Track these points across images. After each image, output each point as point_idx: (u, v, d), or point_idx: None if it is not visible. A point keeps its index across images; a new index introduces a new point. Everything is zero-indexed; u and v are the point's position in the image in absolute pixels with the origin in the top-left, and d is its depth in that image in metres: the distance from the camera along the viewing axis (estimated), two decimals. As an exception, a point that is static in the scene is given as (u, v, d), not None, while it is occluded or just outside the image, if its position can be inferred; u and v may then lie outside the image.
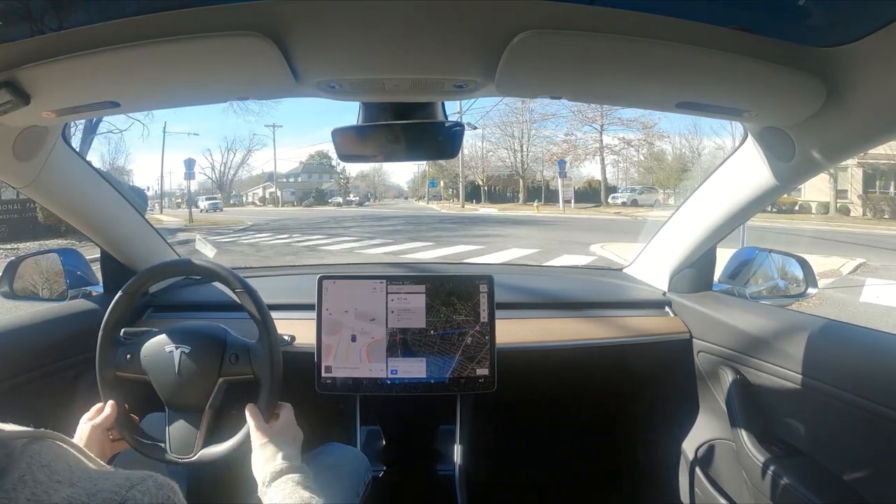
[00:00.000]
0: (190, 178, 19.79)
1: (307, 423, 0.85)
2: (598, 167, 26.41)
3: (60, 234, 10.28)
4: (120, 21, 0.60)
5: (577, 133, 25.75)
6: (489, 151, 28.95)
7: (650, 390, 1.47)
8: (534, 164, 27.78)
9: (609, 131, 25.16)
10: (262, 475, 0.70)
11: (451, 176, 31.16)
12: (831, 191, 18.14)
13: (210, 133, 65.40)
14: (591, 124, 24.81)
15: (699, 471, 1.22)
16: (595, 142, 25.39)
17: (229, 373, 0.84)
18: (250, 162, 38.93)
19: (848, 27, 0.58)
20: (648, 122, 23.67)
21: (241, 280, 0.85)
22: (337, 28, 0.61)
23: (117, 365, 0.84)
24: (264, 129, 44.47)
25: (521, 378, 1.21)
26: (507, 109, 26.80)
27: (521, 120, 26.95)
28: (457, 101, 12.50)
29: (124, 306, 0.86)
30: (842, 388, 0.87)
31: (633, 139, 25.61)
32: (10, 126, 0.80)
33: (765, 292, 1.28)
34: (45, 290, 1.30)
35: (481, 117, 27.43)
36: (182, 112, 56.43)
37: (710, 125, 27.73)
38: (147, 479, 0.39)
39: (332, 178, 38.22)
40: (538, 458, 1.61)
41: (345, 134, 0.89)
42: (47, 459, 0.38)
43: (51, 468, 0.37)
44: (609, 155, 25.96)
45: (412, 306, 1.13)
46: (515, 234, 11.37)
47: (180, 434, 0.83)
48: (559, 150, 26.01)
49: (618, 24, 0.60)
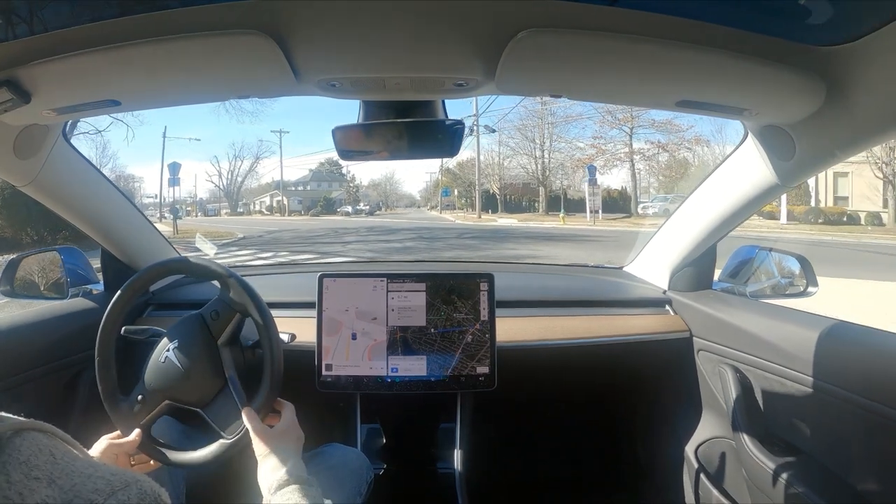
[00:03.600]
0: (174, 184, 17.84)
1: (307, 422, 0.85)
2: (617, 176, 24.40)
3: (21, 248, 10.10)
4: (120, 19, 0.60)
5: (606, 136, 23.10)
6: (506, 157, 26.88)
7: (650, 389, 1.47)
8: (556, 171, 25.30)
9: (638, 135, 22.57)
10: (268, 483, 0.70)
11: (465, 184, 29.59)
12: (892, 200, 15.98)
13: (215, 140, 64.57)
14: (622, 126, 22.04)
15: (699, 469, 1.22)
16: (623, 146, 22.73)
17: (220, 330, 0.84)
18: (258, 170, 38.59)
19: (848, 26, 0.58)
20: (682, 126, 21.46)
21: (239, 279, 0.85)
22: (337, 26, 0.61)
23: (132, 410, 0.83)
24: (272, 135, 43.84)
25: (522, 376, 1.21)
26: (526, 112, 24.69)
27: (542, 123, 24.59)
28: (472, 103, 12.20)
29: (124, 304, 0.87)
30: (843, 387, 0.87)
31: (668, 143, 22.63)
32: (10, 125, 0.80)
33: (765, 291, 1.28)
34: (45, 289, 1.30)
35: (499, 120, 25.70)
36: (186, 117, 55.95)
37: (734, 127, 26.55)
38: (131, 486, 0.38)
39: (341, 187, 37.64)
40: (538, 456, 1.61)
41: (345, 132, 0.89)
42: (27, 455, 0.36)
43: (29, 464, 0.36)
44: (641, 161, 23.14)
45: (412, 304, 1.13)
46: (553, 255, 9.50)
47: (223, 416, 0.81)
48: (585, 156, 23.38)
49: (618, 23, 0.60)
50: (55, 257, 1.29)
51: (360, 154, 0.96)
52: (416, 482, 1.26)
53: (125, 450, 0.78)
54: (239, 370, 0.84)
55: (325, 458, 0.97)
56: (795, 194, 17.01)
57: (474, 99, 13.66)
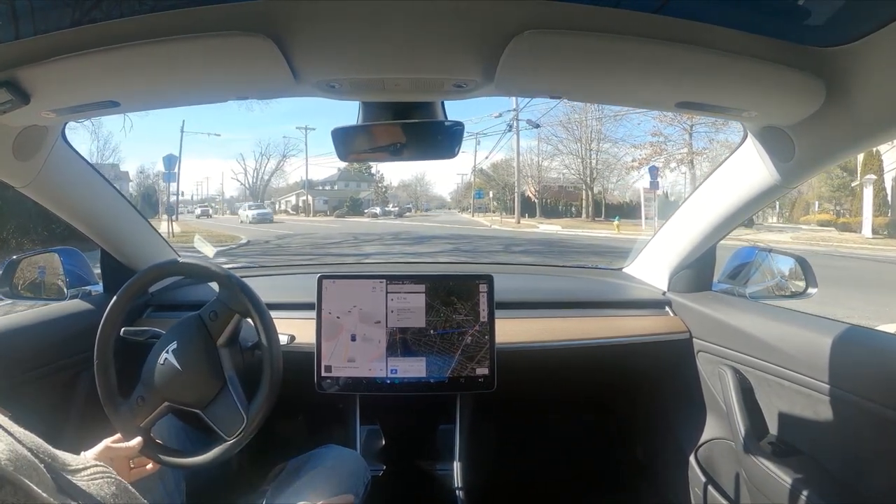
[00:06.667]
0: (170, 180, 16.11)
1: (307, 423, 0.85)
2: (669, 178, 21.29)
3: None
4: (119, 21, 0.60)
5: (663, 134, 20.44)
6: (546, 157, 24.54)
7: (649, 390, 1.47)
8: (603, 172, 22.79)
9: (699, 133, 19.93)
10: None
11: (500, 186, 27.66)
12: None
13: (238, 140, 62.66)
14: (682, 123, 19.27)
15: (699, 470, 1.22)
16: (682, 146, 20.16)
17: (219, 331, 0.83)
18: (285, 168, 37.38)
19: (848, 27, 0.58)
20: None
21: (237, 280, 0.85)
22: (337, 27, 0.61)
23: (131, 412, 0.83)
24: (298, 132, 42.32)
25: (521, 377, 1.21)
26: (572, 108, 21.84)
27: (587, 118, 22.01)
28: (512, 100, 11.81)
29: (123, 306, 0.86)
30: (843, 388, 0.87)
31: (732, 143, 21.03)
32: (9, 126, 0.80)
33: (765, 292, 1.28)
34: (44, 290, 1.30)
35: (542, 115, 23.05)
36: (210, 113, 55.03)
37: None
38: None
39: (370, 187, 36.49)
40: (537, 458, 1.61)
41: (344, 133, 0.89)
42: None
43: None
44: (704, 161, 20.08)
45: (412, 306, 1.13)
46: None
47: (223, 417, 0.81)
48: (642, 156, 20.94)
49: (617, 24, 0.60)
50: (54, 259, 1.29)
51: (360, 156, 0.96)
52: (416, 483, 1.26)
53: (124, 454, 0.78)
54: (238, 371, 0.83)
55: (322, 459, 0.96)
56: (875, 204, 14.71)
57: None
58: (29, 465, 0.43)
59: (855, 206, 16.31)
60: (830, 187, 18.65)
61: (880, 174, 15.03)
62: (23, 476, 0.40)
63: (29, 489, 0.40)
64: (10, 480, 0.39)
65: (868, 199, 14.52)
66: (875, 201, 14.69)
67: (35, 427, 0.51)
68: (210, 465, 0.81)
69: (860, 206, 15.18)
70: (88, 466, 0.55)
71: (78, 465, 0.55)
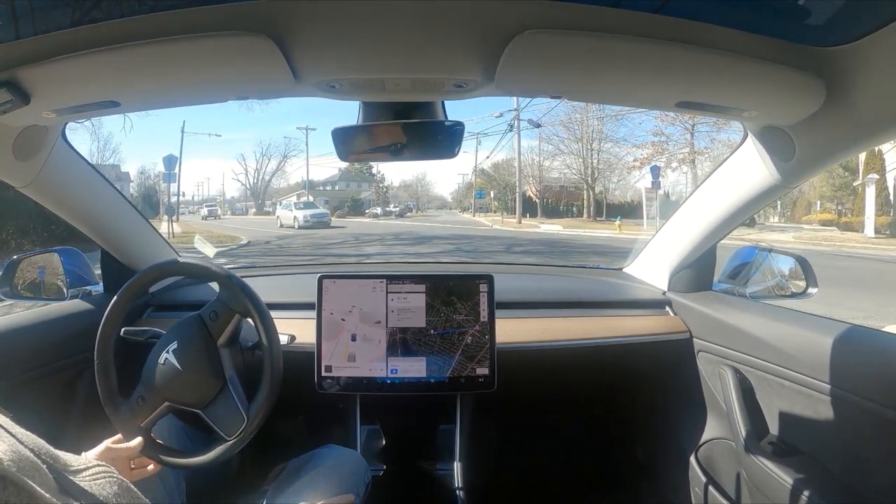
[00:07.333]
0: (170, 180, 15.98)
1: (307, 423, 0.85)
2: (670, 178, 21.12)
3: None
4: (120, 21, 0.60)
5: (664, 133, 20.13)
6: (547, 157, 24.28)
7: (650, 390, 1.47)
8: (604, 172, 22.54)
9: (700, 133, 19.56)
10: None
11: (500, 186, 27.64)
12: None
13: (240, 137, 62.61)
14: (685, 122, 18.86)
15: (699, 470, 1.22)
16: (683, 145, 19.83)
17: (219, 331, 0.83)
18: (286, 168, 37.09)
19: (848, 27, 0.58)
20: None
21: (237, 280, 0.85)
22: (337, 27, 0.61)
23: (131, 412, 0.83)
24: (298, 132, 42.04)
25: (521, 377, 1.21)
26: (572, 108, 21.58)
27: (587, 118, 21.77)
28: (513, 100, 11.73)
29: (123, 306, 0.87)
30: (843, 388, 0.87)
31: (734, 142, 20.69)
32: (9, 126, 0.80)
33: (765, 292, 1.27)
34: (44, 290, 1.30)
35: (543, 115, 22.57)
36: (210, 113, 55.05)
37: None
38: None
39: (370, 187, 36.28)
40: (538, 458, 1.61)
41: (345, 133, 0.89)
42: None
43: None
44: (706, 161, 19.65)
45: (412, 305, 1.13)
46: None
47: (224, 417, 0.81)
48: (643, 156, 20.72)
49: (618, 24, 0.60)
50: (54, 259, 1.29)
51: (360, 156, 0.96)
52: (416, 483, 1.26)
53: (125, 454, 0.78)
54: (238, 371, 0.83)
55: (323, 459, 0.96)
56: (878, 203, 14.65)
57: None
58: (31, 465, 0.43)
59: (857, 206, 16.31)
60: (832, 187, 18.58)
61: (882, 173, 15.13)
62: (26, 477, 0.40)
63: (32, 490, 0.40)
64: (13, 481, 0.39)
65: (870, 199, 14.59)
66: (877, 201, 14.71)
67: (36, 427, 0.51)
68: (210, 465, 0.81)
69: (862, 205, 15.21)
70: (90, 466, 0.55)
71: (80, 465, 0.55)
